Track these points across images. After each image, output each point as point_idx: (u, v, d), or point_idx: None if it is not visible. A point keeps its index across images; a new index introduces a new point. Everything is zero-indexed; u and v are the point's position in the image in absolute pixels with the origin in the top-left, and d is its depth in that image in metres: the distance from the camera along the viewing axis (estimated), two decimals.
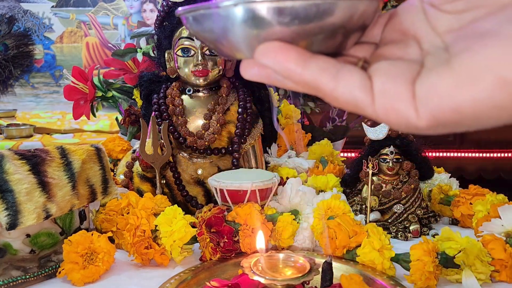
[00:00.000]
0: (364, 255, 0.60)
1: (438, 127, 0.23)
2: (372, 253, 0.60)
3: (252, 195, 0.69)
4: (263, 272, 0.48)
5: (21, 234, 0.60)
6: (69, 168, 0.64)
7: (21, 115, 2.30)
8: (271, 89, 0.95)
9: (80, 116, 1.11)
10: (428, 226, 0.80)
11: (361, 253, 0.61)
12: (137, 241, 0.66)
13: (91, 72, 1.11)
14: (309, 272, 0.47)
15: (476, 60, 0.21)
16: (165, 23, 0.82)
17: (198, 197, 0.81)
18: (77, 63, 2.78)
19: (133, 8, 2.84)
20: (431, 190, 0.86)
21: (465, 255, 0.57)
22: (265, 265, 0.49)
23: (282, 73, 0.25)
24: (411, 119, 0.23)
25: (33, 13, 2.79)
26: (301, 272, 0.48)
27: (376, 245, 0.60)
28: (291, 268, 0.49)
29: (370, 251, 0.60)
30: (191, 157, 0.82)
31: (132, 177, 0.83)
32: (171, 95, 0.82)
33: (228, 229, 0.64)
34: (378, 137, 0.76)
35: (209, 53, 0.79)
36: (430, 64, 0.24)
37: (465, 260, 0.58)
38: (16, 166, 0.58)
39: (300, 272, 0.48)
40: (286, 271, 0.49)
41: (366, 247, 0.61)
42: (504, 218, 0.65)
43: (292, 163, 0.92)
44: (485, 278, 0.58)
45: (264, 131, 0.87)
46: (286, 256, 0.51)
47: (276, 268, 0.49)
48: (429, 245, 0.58)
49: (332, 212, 0.68)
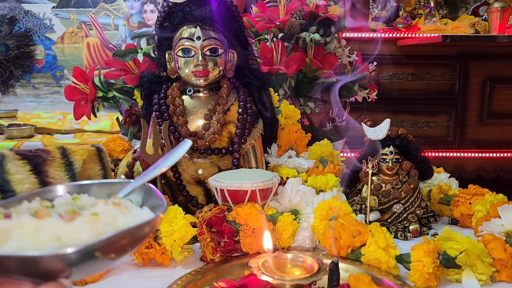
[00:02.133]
0: (369, 254, 0.61)
1: None
2: (378, 251, 0.60)
3: (253, 195, 0.69)
4: (271, 272, 0.48)
5: None
6: (70, 168, 0.64)
7: (22, 115, 2.31)
8: (271, 89, 0.95)
9: (81, 117, 1.11)
10: (428, 226, 0.80)
11: (366, 251, 0.61)
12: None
13: (92, 73, 1.11)
14: (318, 272, 0.48)
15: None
16: (165, 24, 0.82)
17: (198, 197, 0.81)
18: (78, 63, 2.78)
19: (133, 8, 2.85)
20: (431, 190, 0.86)
21: (467, 256, 0.58)
22: (273, 265, 0.50)
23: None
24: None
25: (34, 14, 2.79)
26: (309, 273, 0.48)
27: (381, 244, 0.60)
28: (299, 268, 0.50)
29: (376, 249, 0.60)
30: (192, 157, 0.82)
31: (133, 177, 0.83)
32: (172, 96, 0.82)
33: (228, 228, 0.64)
34: (378, 137, 0.77)
35: (210, 54, 0.80)
36: None
37: (466, 261, 0.58)
38: (17, 166, 0.58)
39: (309, 272, 0.48)
40: (294, 271, 0.49)
41: (371, 246, 0.61)
42: (504, 218, 0.66)
43: (292, 163, 0.92)
44: (486, 278, 0.58)
45: (264, 131, 0.87)
46: (294, 257, 0.51)
47: (284, 268, 0.50)
48: (430, 245, 0.58)
49: (333, 211, 0.68)
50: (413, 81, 1.92)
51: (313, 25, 1.14)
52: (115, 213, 0.41)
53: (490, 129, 1.96)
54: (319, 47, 1.14)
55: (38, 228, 0.37)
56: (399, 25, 1.95)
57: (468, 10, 2.25)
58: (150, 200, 0.46)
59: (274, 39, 1.10)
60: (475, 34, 1.88)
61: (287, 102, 1.06)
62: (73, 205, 0.42)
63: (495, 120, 1.95)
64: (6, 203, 0.42)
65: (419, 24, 1.97)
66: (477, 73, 1.92)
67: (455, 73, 1.93)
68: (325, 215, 0.68)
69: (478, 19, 2.05)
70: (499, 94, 1.94)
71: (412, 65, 1.90)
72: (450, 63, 1.92)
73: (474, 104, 1.95)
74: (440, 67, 1.92)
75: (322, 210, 0.69)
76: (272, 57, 1.09)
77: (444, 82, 1.94)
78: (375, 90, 1.26)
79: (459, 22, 2.00)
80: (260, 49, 1.10)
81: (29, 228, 0.37)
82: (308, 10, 1.13)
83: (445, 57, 1.89)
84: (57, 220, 0.38)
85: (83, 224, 0.38)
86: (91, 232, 0.38)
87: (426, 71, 1.92)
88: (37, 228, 0.37)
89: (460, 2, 2.27)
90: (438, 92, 1.94)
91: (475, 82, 1.93)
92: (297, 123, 1.03)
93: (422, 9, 2.11)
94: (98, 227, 0.38)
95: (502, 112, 1.95)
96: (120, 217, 0.41)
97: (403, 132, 0.78)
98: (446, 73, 1.93)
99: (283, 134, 0.99)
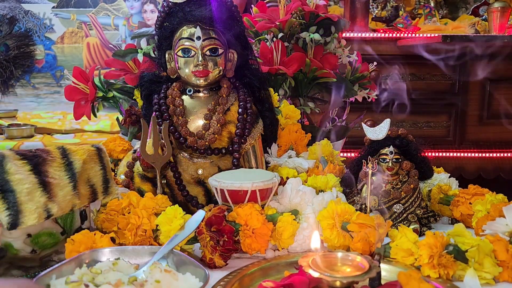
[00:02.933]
0: (401, 244, 0.61)
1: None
2: (407, 243, 0.61)
3: (253, 195, 0.69)
4: (322, 270, 0.48)
5: (22, 234, 0.60)
6: (70, 168, 0.64)
7: (22, 115, 2.30)
8: (271, 89, 0.95)
9: (81, 116, 1.11)
10: (428, 226, 0.80)
11: (398, 242, 0.62)
12: (138, 240, 0.66)
13: (92, 73, 1.11)
14: (370, 270, 0.48)
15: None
16: (165, 24, 0.82)
17: (198, 197, 0.81)
18: (78, 63, 2.78)
19: (133, 8, 2.85)
20: (431, 190, 0.86)
21: (477, 252, 0.58)
22: (322, 264, 0.50)
23: None
24: None
25: (34, 14, 2.79)
26: (360, 271, 0.48)
27: (409, 235, 0.61)
28: (350, 267, 0.50)
29: (406, 241, 0.61)
30: (192, 157, 0.82)
31: (133, 177, 0.83)
32: (172, 96, 0.82)
33: (228, 228, 0.64)
34: (378, 137, 0.77)
35: (210, 54, 0.79)
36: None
37: (475, 257, 0.58)
38: (17, 166, 0.58)
39: (360, 270, 0.49)
40: (345, 269, 0.50)
41: (402, 238, 0.62)
42: (509, 218, 0.65)
43: (292, 163, 0.92)
44: (490, 278, 0.58)
45: (264, 131, 0.87)
46: (344, 255, 0.52)
47: (334, 267, 0.51)
48: (437, 239, 0.59)
49: (340, 217, 0.68)
50: (413, 81, 1.92)
51: (313, 25, 1.14)
52: (169, 279, 0.51)
53: (490, 129, 1.96)
54: (319, 47, 1.14)
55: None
56: (399, 25, 1.95)
57: (468, 10, 2.25)
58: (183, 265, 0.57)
59: (274, 39, 1.10)
60: (475, 34, 1.88)
61: (287, 102, 1.06)
62: (113, 269, 0.53)
63: (495, 120, 1.95)
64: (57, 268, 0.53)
65: (419, 24, 1.97)
66: (477, 73, 1.92)
67: (455, 73, 1.93)
68: (333, 223, 0.68)
69: (478, 19, 2.06)
70: (499, 94, 1.94)
71: (412, 65, 1.90)
72: (450, 63, 1.92)
73: (474, 104, 1.94)
74: (440, 67, 1.92)
75: (328, 219, 0.68)
76: (272, 57, 1.09)
77: (444, 82, 1.93)
78: (375, 90, 1.26)
79: (459, 22, 2.00)
80: (260, 49, 1.10)
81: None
82: (308, 10, 1.13)
83: (445, 57, 1.89)
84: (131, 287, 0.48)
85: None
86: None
87: (426, 71, 1.92)
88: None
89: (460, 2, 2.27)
90: (438, 92, 1.93)
91: (475, 82, 1.93)
92: (297, 123, 1.03)
93: (422, 9, 2.12)
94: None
95: (502, 112, 1.95)
96: (173, 282, 0.51)
97: (403, 132, 0.78)
98: (446, 73, 1.92)
99: (283, 134, 0.99)
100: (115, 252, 0.59)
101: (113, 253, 0.59)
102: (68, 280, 0.49)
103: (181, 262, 0.58)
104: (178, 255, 0.59)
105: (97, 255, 0.59)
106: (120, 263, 0.55)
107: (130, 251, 0.60)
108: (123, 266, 0.54)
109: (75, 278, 0.50)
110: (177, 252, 0.59)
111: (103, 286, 0.48)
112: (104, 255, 0.59)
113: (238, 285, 0.57)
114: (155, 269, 0.52)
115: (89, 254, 0.58)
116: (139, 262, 0.58)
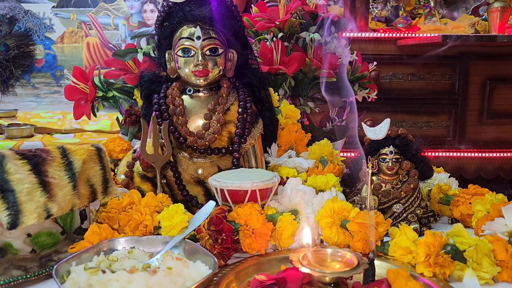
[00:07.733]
0: (400, 242, 0.62)
1: None
2: (406, 241, 0.61)
3: (253, 195, 0.69)
4: (312, 266, 0.49)
5: (22, 233, 0.60)
6: (70, 168, 0.64)
7: (22, 115, 2.31)
8: (271, 89, 0.95)
9: (80, 116, 1.11)
10: (428, 226, 0.80)
11: (397, 240, 0.62)
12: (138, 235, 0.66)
13: (92, 72, 1.11)
14: (358, 266, 0.48)
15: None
16: (165, 24, 0.82)
17: (198, 197, 0.81)
18: (77, 63, 2.78)
19: (133, 8, 2.85)
20: (431, 190, 0.86)
21: (475, 252, 0.58)
22: (313, 260, 0.52)
23: None
24: None
25: (34, 14, 2.79)
26: (349, 267, 0.49)
27: (409, 233, 0.62)
28: (339, 263, 0.51)
29: (405, 239, 0.62)
30: (192, 157, 0.82)
31: (133, 177, 0.83)
32: (172, 95, 0.82)
33: (227, 227, 0.64)
34: (378, 137, 0.77)
35: (210, 54, 0.79)
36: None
37: (474, 257, 0.58)
38: (17, 166, 0.58)
39: (348, 266, 0.49)
40: (334, 265, 0.51)
41: (401, 236, 0.62)
42: (508, 218, 0.65)
43: (292, 163, 0.92)
44: (489, 278, 0.58)
45: (264, 131, 0.87)
46: (334, 252, 0.53)
47: (324, 263, 0.51)
48: (435, 237, 0.59)
49: (338, 214, 0.68)
50: (413, 81, 1.92)
51: (313, 25, 1.14)
52: (181, 266, 0.54)
53: (490, 129, 1.96)
54: (319, 47, 1.14)
55: (131, 280, 0.49)
56: (399, 25, 1.95)
57: (468, 10, 2.25)
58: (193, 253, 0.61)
59: (274, 39, 1.10)
60: (475, 34, 1.88)
61: (287, 102, 1.06)
62: (128, 257, 0.56)
63: (495, 120, 1.95)
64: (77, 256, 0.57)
65: (419, 24, 1.97)
66: (477, 73, 1.92)
67: (455, 73, 1.93)
68: (332, 221, 0.68)
69: (478, 19, 2.05)
70: (499, 94, 1.94)
71: (412, 65, 1.90)
72: (450, 63, 1.92)
73: (474, 104, 1.94)
74: (440, 67, 1.92)
75: (326, 218, 0.68)
76: (272, 57, 1.09)
77: (444, 82, 1.93)
78: (375, 90, 1.26)
79: (459, 22, 2.00)
80: (260, 49, 1.10)
81: (124, 281, 0.49)
82: (308, 10, 1.13)
83: (445, 57, 1.89)
84: (145, 274, 0.51)
85: (163, 277, 0.50)
86: (170, 282, 0.50)
87: (426, 71, 1.92)
88: (130, 280, 0.49)
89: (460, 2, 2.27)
90: (438, 92, 1.93)
91: (475, 82, 1.93)
92: (297, 123, 1.03)
93: (422, 9, 2.11)
94: (172, 278, 0.51)
95: (502, 112, 1.95)
96: (185, 269, 0.54)
97: (403, 132, 0.78)
98: (446, 73, 1.93)
99: (283, 134, 0.99)
100: (130, 242, 0.64)
101: (129, 242, 0.63)
102: (87, 266, 0.53)
103: (192, 251, 0.61)
104: (190, 244, 0.62)
105: (114, 244, 0.63)
106: (135, 251, 0.59)
107: (144, 240, 0.64)
108: (138, 254, 0.58)
109: (93, 264, 0.53)
110: (188, 241, 0.63)
111: (118, 272, 0.51)
112: (120, 244, 0.63)
113: (234, 278, 0.57)
114: (167, 257, 0.55)
115: (106, 243, 0.62)
116: (153, 251, 0.62)
